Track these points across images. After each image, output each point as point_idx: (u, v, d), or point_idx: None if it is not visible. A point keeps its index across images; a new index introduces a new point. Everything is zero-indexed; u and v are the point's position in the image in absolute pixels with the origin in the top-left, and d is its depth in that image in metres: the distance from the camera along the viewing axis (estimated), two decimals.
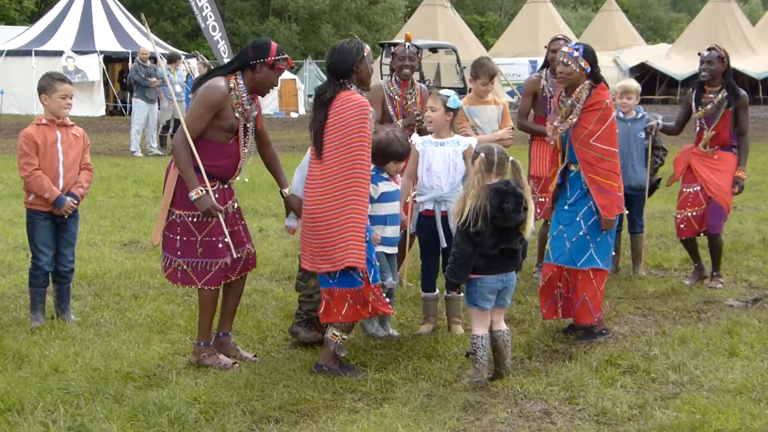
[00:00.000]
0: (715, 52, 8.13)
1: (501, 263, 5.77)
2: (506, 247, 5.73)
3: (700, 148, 8.26)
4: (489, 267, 5.75)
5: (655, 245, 10.07)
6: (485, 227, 5.60)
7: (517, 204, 5.63)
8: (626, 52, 44.78)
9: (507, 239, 5.71)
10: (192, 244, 5.95)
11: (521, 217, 5.67)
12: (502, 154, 5.76)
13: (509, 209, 5.61)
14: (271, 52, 5.92)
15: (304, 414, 5.21)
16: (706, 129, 8.19)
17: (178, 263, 5.98)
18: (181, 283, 6.07)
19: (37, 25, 34.52)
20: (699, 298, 7.86)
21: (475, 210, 5.59)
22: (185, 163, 5.82)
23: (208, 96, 5.85)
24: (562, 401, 5.45)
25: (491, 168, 5.71)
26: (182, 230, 5.94)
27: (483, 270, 5.75)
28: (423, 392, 5.54)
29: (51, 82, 6.78)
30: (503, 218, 5.62)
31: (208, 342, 6.12)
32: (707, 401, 5.35)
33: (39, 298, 6.94)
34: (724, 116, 8.11)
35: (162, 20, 51.54)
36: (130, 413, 5.11)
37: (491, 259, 5.73)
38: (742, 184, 8.20)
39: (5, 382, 5.54)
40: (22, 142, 6.76)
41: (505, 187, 5.65)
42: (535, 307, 7.46)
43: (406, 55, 7.86)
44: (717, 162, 8.20)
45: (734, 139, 8.19)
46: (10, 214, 11.41)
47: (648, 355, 6.27)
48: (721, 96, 8.10)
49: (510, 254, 5.79)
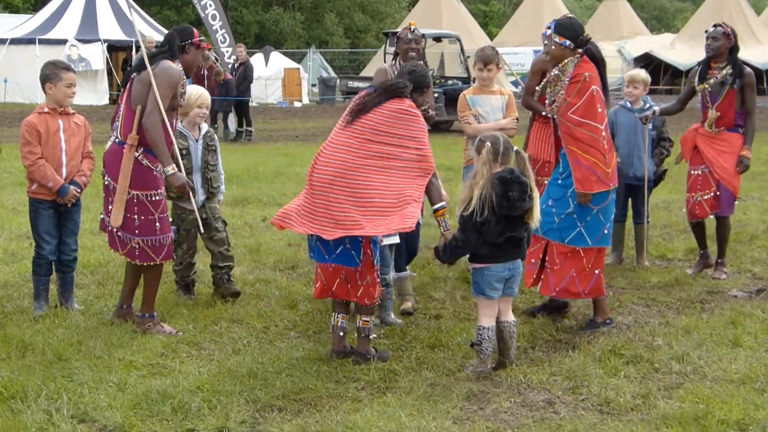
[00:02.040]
0: (720, 28, 8.11)
1: (507, 252, 5.76)
2: (512, 235, 5.72)
3: (705, 128, 8.22)
4: (495, 256, 5.73)
5: (659, 235, 10.06)
6: (491, 216, 5.58)
7: (522, 192, 5.60)
8: (630, 42, 44.64)
9: (513, 228, 5.70)
10: (150, 223, 6.34)
11: (527, 206, 5.64)
12: (507, 144, 5.75)
13: (514, 198, 5.58)
14: (195, 33, 6.49)
15: (307, 403, 5.21)
16: (710, 107, 8.14)
17: (137, 241, 6.33)
18: (139, 260, 6.40)
19: (40, 13, 34.51)
20: (703, 289, 7.85)
21: (481, 200, 5.58)
22: (161, 139, 6.18)
23: (171, 76, 6.25)
24: (565, 391, 5.45)
25: (497, 157, 5.69)
26: (140, 210, 6.30)
27: (489, 259, 5.73)
28: (426, 381, 5.54)
29: (56, 71, 6.76)
30: (509, 207, 5.59)
31: (152, 314, 6.52)
32: (710, 391, 5.35)
33: (42, 286, 6.94)
34: (728, 94, 8.05)
35: (166, 9, 51.48)
36: (133, 401, 5.12)
37: (497, 247, 5.72)
38: (746, 163, 8.15)
39: (9, 370, 5.55)
40: (25, 130, 6.74)
41: (509, 176, 5.62)
42: (538, 297, 7.45)
43: (411, 38, 7.82)
44: (723, 143, 8.15)
45: (741, 118, 8.12)
46: (13, 203, 11.41)
47: (651, 345, 6.26)
48: (725, 72, 8.06)
49: (516, 243, 5.78)
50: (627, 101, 8.67)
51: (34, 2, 48.60)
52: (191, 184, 6.26)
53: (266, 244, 9.49)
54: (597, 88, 6.48)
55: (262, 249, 9.23)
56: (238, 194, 12.69)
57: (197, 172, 7.22)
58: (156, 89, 6.14)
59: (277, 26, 53.98)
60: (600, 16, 49.38)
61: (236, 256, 8.89)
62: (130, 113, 6.26)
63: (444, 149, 16.94)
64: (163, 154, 6.20)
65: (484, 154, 5.70)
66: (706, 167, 8.18)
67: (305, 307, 7.14)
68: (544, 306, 7.07)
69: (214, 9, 29.72)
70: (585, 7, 69.02)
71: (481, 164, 5.70)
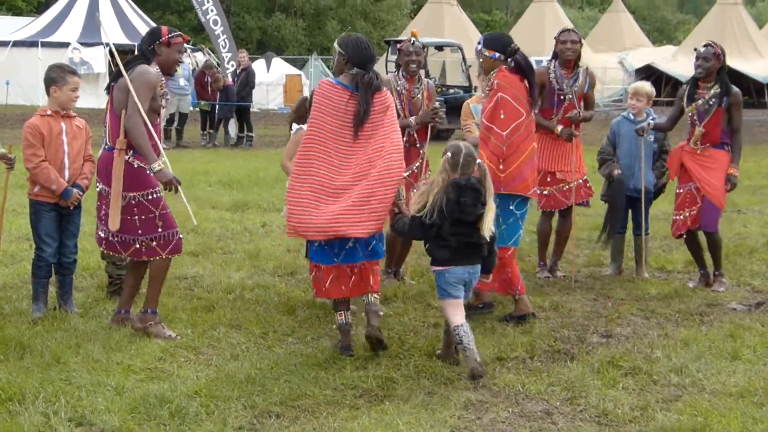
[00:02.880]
0: (711, 48, 8.09)
1: (466, 255, 6.00)
2: (469, 240, 5.96)
3: (690, 145, 8.22)
4: (454, 259, 5.97)
5: (659, 247, 10.06)
6: (442, 220, 5.84)
7: (475, 199, 5.87)
8: (632, 54, 44.70)
9: (468, 233, 5.94)
10: (151, 221, 6.40)
11: (478, 211, 5.89)
12: (468, 156, 5.97)
13: (466, 203, 5.85)
14: (162, 32, 6.56)
15: (304, 410, 5.20)
16: (697, 125, 8.14)
17: (140, 240, 6.41)
18: (146, 256, 6.48)
19: (44, 16, 34.59)
20: (702, 301, 7.84)
21: (434, 204, 5.87)
22: (144, 139, 6.24)
23: (148, 79, 6.32)
24: (563, 402, 5.44)
25: (456, 168, 5.95)
26: (139, 210, 6.37)
27: (449, 262, 5.98)
28: (424, 390, 5.53)
29: (63, 75, 6.77)
30: (460, 211, 5.85)
31: (155, 310, 6.55)
32: (709, 404, 5.34)
33: (42, 288, 6.93)
34: (715, 113, 8.03)
35: (168, 14, 51.59)
36: (131, 405, 5.11)
37: (455, 251, 5.96)
38: (734, 182, 8.16)
39: (7, 372, 5.54)
40: (28, 133, 6.75)
41: (464, 183, 5.90)
42: (537, 307, 7.45)
43: (412, 50, 7.92)
44: (709, 160, 8.14)
45: (727, 136, 8.12)
46: (13, 204, 11.39)
47: (650, 357, 6.26)
48: (713, 92, 8.05)
49: (474, 247, 6.00)
50: (630, 113, 8.68)
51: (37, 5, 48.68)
52: (178, 180, 6.38)
53: (265, 249, 9.49)
54: (505, 96, 6.91)
55: (262, 254, 9.23)
56: (239, 199, 12.70)
57: None
58: (134, 93, 6.22)
59: (279, 32, 54.07)
60: (602, 28, 49.44)
61: (235, 262, 8.92)
62: (116, 119, 6.35)
63: None
64: (148, 152, 6.26)
65: (443, 163, 5.97)
66: (693, 184, 8.18)
67: (304, 313, 7.14)
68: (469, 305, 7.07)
69: (216, 14, 29.71)
70: (587, 18, 69.10)
71: (439, 173, 5.99)
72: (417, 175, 8.00)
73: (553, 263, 8.75)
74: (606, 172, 8.56)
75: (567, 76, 8.35)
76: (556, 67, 8.40)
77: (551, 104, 8.39)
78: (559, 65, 8.38)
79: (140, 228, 6.38)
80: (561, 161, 8.45)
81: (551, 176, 8.49)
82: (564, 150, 8.44)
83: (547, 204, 8.55)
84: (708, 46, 8.13)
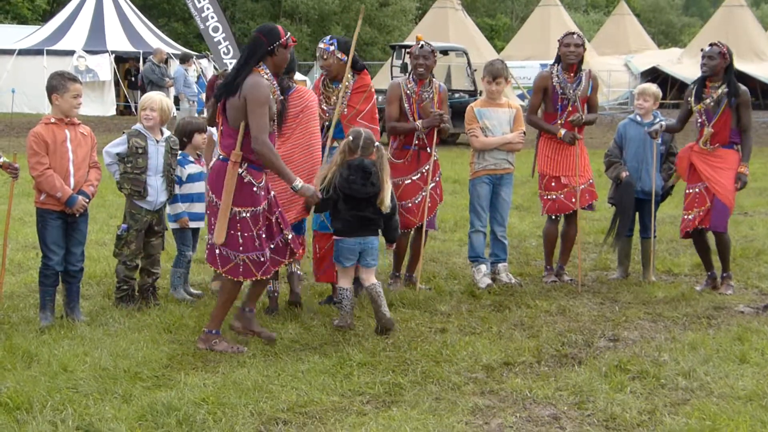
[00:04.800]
0: (716, 47, 8.10)
1: (357, 228, 6.81)
2: (359, 214, 6.75)
3: (700, 146, 8.21)
4: (346, 230, 6.82)
5: (666, 250, 10.04)
6: (337, 196, 6.70)
7: (363, 178, 6.66)
8: (638, 56, 44.63)
9: (359, 208, 6.74)
10: (251, 240, 6.30)
11: (367, 190, 6.68)
12: (367, 140, 6.77)
13: (353, 181, 6.65)
14: (281, 33, 6.33)
15: (312, 416, 5.20)
16: (706, 125, 8.13)
17: (241, 258, 6.29)
18: (243, 276, 6.36)
19: (48, 24, 34.62)
20: (709, 304, 7.82)
21: (330, 181, 6.69)
22: (279, 160, 6.28)
23: (264, 93, 6.13)
24: (571, 406, 5.43)
25: (355, 150, 6.76)
26: (242, 227, 6.27)
27: (342, 233, 6.84)
28: (431, 395, 5.53)
29: (63, 82, 6.79)
30: (349, 189, 6.67)
31: (219, 331, 6.45)
32: (717, 408, 5.33)
33: (49, 297, 6.94)
34: (724, 113, 8.04)
35: (173, 21, 51.66)
36: (138, 413, 5.11)
37: (347, 223, 6.79)
38: (744, 180, 8.14)
39: (14, 380, 5.55)
40: (32, 141, 6.76)
41: (357, 164, 6.70)
42: (544, 311, 7.45)
43: (419, 54, 7.97)
44: (718, 160, 8.14)
45: (736, 135, 8.12)
46: (20, 213, 11.42)
47: (658, 360, 6.24)
48: (720, 91, 8.05)
49: (365, 222, 6.80)
50: (637, 114, 8.67)
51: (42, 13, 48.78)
52: (318, 195, 6.50)
53: None
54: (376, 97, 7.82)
55: None
56: None
57: (157, 174, 7.36)
58: (253, 111, 6.09)
59: None
60: (607, 31, 49.40)
61: None
62: (230, 130, 6.25)
63: (450, 162, 16.96)
64: (286, 173, 6.28)
65: (343, 145, 6.84)
66: (702, 184, 8.17)
67: (310, 320, 7.13)
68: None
69: (217, 21, 29.64)
70: (592, 21, 69.07)
71: (338, 153, 6.85)
72: (426, 178, 8.03)
73: (560, 267, 8.74)
74: (613, 174, 8.55)
75: (570, 80, 8.35)
76: (559, 71, 8.40)
77: (555, 109, 8.39)
78: (562, 69, 8.39)
79: (242, 245, 6.26)
80: (565, 166, 8.46)
81: (556, 181, 8.49)
82: (568, 154, 8.44)
83: (552, 208, 8.55)
84: (713, 45, 8.14)
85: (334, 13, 55.40)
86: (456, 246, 10.24)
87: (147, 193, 7.28)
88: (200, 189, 7.68)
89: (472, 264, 8.52)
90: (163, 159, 7.37)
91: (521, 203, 13.03)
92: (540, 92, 8.51)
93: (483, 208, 8.42)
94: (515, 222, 11.28)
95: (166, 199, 7.47)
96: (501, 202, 8.45)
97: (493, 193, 8.43)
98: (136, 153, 7.23)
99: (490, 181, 8.40)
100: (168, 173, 7.42)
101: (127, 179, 7.29)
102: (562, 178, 8.47)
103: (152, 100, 7.45)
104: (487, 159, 8.35)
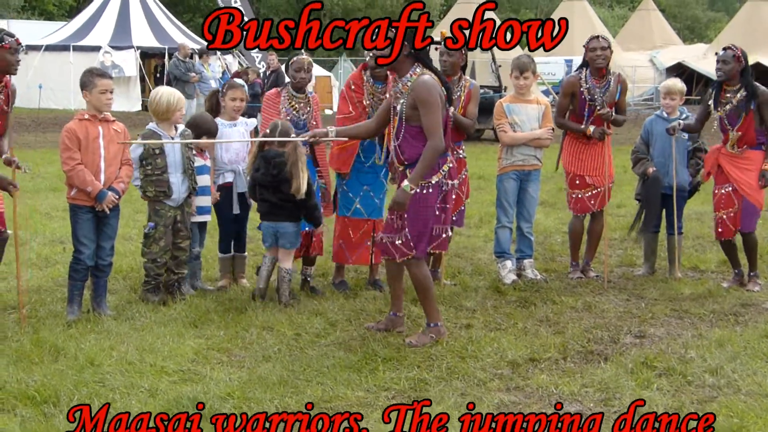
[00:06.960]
0: (730, 51, 8.04)
1: (269, 212, 7.39)
2: (269, 200, 7.31)
3: (728, 149, 8.17)
4: (262, 214, 7.45)
5: (692, 247, 9.98)
6: (252, 182, 7.38)
7: (273, 168, 7.16)
8: (663, 52, 44.37)
9: (267, 195, 7.30)
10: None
11: (266, 180, 7.20)
12: (284, 133, 7.18)
13: (256, 169, 7.28)
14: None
15: (337, 411, 5.19)
16: (730, 129, 8.09)
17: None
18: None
19: (75, 20, 34.84)
20: (736, 301, 7.77)
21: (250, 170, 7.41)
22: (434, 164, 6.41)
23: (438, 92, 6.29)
24: (597, 403, 5.41)
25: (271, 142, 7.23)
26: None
27: (261, 217, 7.49)
28: (457, 392, 5.52)
29: (91, 78, 6.86)
30: (261, 177, 7.25)
31: (437, 323, 6.60)
32: (745, 405, 5.29)
33: (77, 291, 6.98)
34: (747, 115, 8.00)
35: (198, 16, 51.78)
36: (164, 407, 5.13)
37: (261, 208, 7.43)
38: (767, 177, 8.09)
39: (41, 374, 5.58)
40: (65, 136, 6.81)
41: (264, 155, 7.25)
42: (570, 307, 7.42)
43: (443, 51, 7.91)
44: (747, 162, 8.10)
45: (761, 135, 8.07)
46: (47, 208, 11.51)
47: (684, 357, 6.21)
48: (739, 96, 8.00)
49: (274, 207, 7.31)
50: (663, 111, 8.64)
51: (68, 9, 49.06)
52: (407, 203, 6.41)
53: None
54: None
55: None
56: None
57: (177, 171, 7.36)
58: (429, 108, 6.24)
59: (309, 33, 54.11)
60: (632, 26, 49.14)
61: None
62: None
63: (474, 158, 16.91)
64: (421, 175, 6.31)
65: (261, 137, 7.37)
66: (730, 185, 8.12)
67: (335, 315, 7.14)
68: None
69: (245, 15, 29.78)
70: (617, 16, 68.72)
71: (255, 144, 7.45)
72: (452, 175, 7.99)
73: (586, 263, 8.71)
74: (640, 170, 8.53)
75: (598, 84, 8.30)
76: (588, 76, 8.35)
77: (581, 115, 8.36)
78: (591, 74, 8.34)
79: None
80: (591, 165, 8.44)
81: (580, 179, 8.46)
82: (594, 153, 8.43)
83: (576, 207, 8.54)
84: (727, 49, 8.08)
85: (358, 9, 55.37)
86: (481, 242, 10.22)
87: (171, 191, 7.30)
88: (205, 182, 7.74)
89: (497, 260, 8.50)
90: (181, 153, 7.38)
91: (547, 199, 12.98)
92: (568, 97, 8.48)
93: (510, 203, 8.40)
94: (541, 218, 11.24)
95: (187, 193, 7.47)
96: (528, 198, 8.43)
97: (521, 189, 8.41)
98: (154, 153, 7.23)
99: (518, 177, 8.37)
100: (188, 167, 7.43)
101: (150, 182, 7.27)
102: (587, 177, 8.45)
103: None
104: (515, 155, 8.33)
